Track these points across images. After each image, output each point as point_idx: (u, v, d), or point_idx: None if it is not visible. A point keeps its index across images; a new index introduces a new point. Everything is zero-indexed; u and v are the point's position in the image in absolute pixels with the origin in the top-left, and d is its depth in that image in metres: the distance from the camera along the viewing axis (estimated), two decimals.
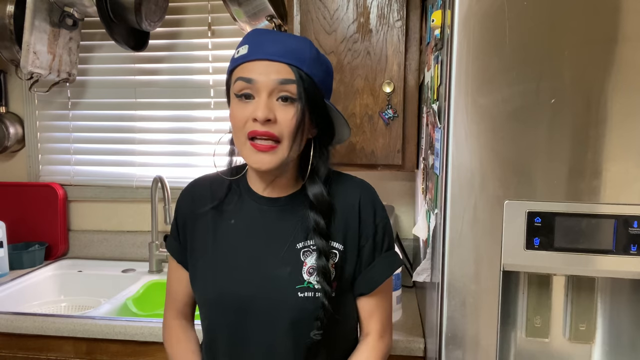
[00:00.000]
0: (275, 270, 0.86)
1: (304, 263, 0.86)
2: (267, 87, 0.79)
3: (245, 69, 0.80)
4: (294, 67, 0.79)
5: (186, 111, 1.93)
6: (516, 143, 0.83)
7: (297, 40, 0.83)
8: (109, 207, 2.01)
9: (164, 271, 1.85)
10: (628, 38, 0.79)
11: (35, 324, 1.37)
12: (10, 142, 1.94)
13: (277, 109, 0.79)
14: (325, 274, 0.84)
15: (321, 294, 0.84)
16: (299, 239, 0.88)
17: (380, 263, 0.92)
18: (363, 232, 0.90)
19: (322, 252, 0.85)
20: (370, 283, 0.91)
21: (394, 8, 1.39)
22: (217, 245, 0.90)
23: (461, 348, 0.88)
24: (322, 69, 0.84)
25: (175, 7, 1.87)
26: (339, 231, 0.89)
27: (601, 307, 0.92)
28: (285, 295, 0.85)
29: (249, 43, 0.82)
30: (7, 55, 1.80)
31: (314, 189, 0.87)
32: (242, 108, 0.81)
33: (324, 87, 0.85)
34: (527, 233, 0.83)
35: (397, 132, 1.42)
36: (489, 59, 0.82)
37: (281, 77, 0.78)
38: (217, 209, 0.92)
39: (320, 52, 0.86)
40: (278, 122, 0.79)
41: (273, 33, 0.84)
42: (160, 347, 1.35)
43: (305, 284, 0.85)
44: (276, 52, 0.79)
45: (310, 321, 0.85)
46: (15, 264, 1.81)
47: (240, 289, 0.86)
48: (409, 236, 1.82)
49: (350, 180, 0.94)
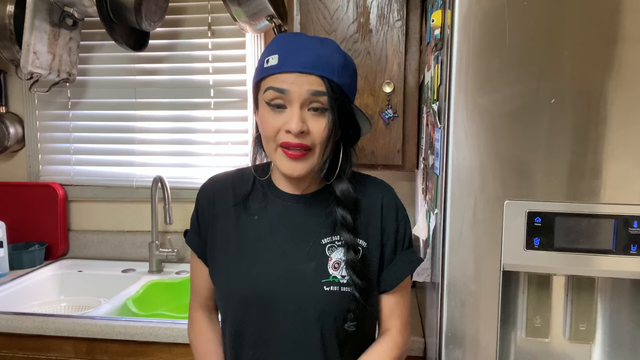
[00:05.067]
0: (301, 265, 0.87)
1: (329, 258, 0.88)
2: (300, 98, 0.80)
3: (276, 80, 0.81)
4: (325, 78, 0.80)
5: (186, 111, 1.93)
6: (516, 143, 0.83)
7: (325, 47, 0.83)
8: (109, 207, 2.01)
9: (164, 271, 1.86)
10: (628, 38, 0.79)
11: (35, 324, 1.37)
12: (10, 142, 1.94)
13: (308, 120, 0.81)
14: (354, 267, 0.86)
15: (352, 287, 0.86)
16: (324, 235, 0.89)
17: (401, 260, 0.93)
18: (385, 230, 0.92)
19: (350, 246, 0.87)
20: (392, 280, 0.92)
21: (394, 8, 1.39)
22: (241, 241, 0.91)
23: (461, 348, 0.88)
24: (349, 74, 0.85)
25: (175, 7, 1.87)
26: (362, 229, 0.90)
27: (601, 307, 0.92)
28: (310, 289, 0.86)
29: (279, 52, 0.82)
30: (7, 55, 1.80)
31: (341, 186, 0.89)
32: (274, 117, 0.82)
33: (351, 92, 0.86)
34: (527, 233, 0.83)
35: (397, 132, 1.42)
36: (489, 59, 0.82)
37: (313, 88, 0.79)
38: (240, 206, 0.93)
39: (346, 55, 0.86)
40: (310, 133, 0.81)
41: (302, 40, 0.84)
42: (160, 347, 1.35)
43: (331, 278, 0.87)
44: (307, 63, 0.80)
45: (335, 315, 0.86)
46: (15, 264, 1.81)
47: (266, 283, 0.87)
48: None
49: (373, 180, 0.97)
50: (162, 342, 1.34)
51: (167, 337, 1.33)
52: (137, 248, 1.98)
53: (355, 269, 0.86)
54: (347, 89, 0.84)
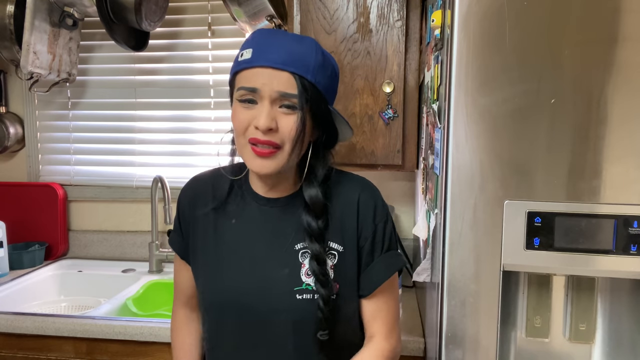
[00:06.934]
0: (274, 271, 0.86)
1: (302, 265, 0.86)
2: (270, 96, 0.79)
3: (248, 76, 0.80)
4: (297, 75, 0.78)
5: (186, 111, 1.93)
6: (516, 143, 0.83)
7: (302, 44, 0.81)
8: (109, 207, 2.01)
9: (164, 271, 1.86)
10: (628, 38, 0.79)
11: (35, 324, 1.37)
12: (10, 142, 1.94)
13: (279, 117, 0.80)
14: (318, 277, 0.83)
15: (318, 297, 0.83)
16: (297, 240, 0.87)
17: (379, 264, 0.90)
18: (362, 232, 0.89)
19: (315, 255, 0.84)
20: (368, 285, 0.90)
21: (394, 8, 1.39)
22: (218, 245, 0.90)
23: (461, 348, 0.88)
24: (326, 74, 0.83)
25: (175, 7, 1.87)
26: (337, 232, 0.88)
27: (601, 307, 0.92)
28: (283, 297, 0.84)
29: (253, 47, 0.81)
30: (7, 55, 1.80)
31: (310, 191, 0.86)
32: (244, 113, 0.81)
33: (328, 93, 0.85)
34: (527, 233, 0.83)
35: (397, 132, 1.42)
36: (489, 59, 0.82)
37: (282, 89, 0.78)
38: (219, 208, 0.92)
39: (326, 54, 0.85)
40: (280, 130, 0.79)
41: (278, 36, 0.82)
42: (160, 347, 1.35)
43: (304, 286, 0.85)
44: (280, 59, 0.78)
45: (311, 323, 0.84)
46: (15, 264, 1.81)
47: (241, 290, 0.86)
48: (409, 236, 1.81)
49: (351, 179, 0.93)
50: (162, 342, 1.34)
51: (167, 337, 1.33)
52: (137, 248, 1.98)
53: (319, 279, 0.83)
54: (324, 90, 0.82)
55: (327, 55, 0.85)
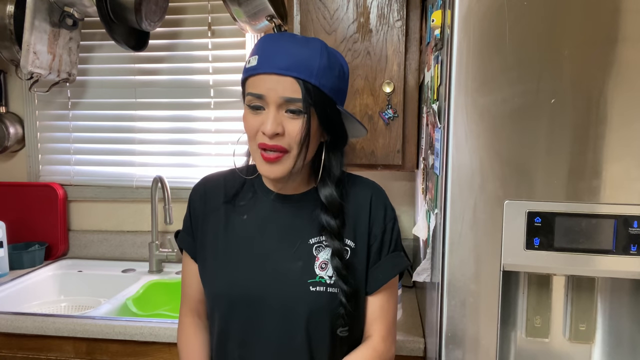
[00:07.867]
0: (287, 264, 0.87)
1: (316, 258, 0.88)
2: (275, 102, 0.80)
3: (255, 83, 0.82)
4: (301, 80, 0.80)
5: (186, 111, 1.93)
6: (516, 143, 0.83)
7: (307, 47, 0.82)
8: (109, 207, 2.01)
9: (164, 271, 1.86)
10: (628, 38, 0.79)
11: (35, 324, 1.37)
12: (10, 142, 1.94)
13: (285, 122, 0.81)
14: (340, 273, 0.86)
15: (339, 292, 0.86)
16: (311, 235, 0.89)
17: (385, 263, 0.93)
18: (372, 231, 0.92)
19: (336, 251, 0.86)
20: (375, 282, 0.92)
21: (394, 8, 1.39)
22: (229, 241, 0.91)
23: (461, 348, 0.88)
24: (333, 74, 0.84)
25: (175, 7, 1.87)
26: (350, 229, 0.91)
27: (601, 307, 0.92)
28: (297, 289, 0.86)
29: (259, 53, 0.82)
30: (7, 55, 1.80)
31: (325, 191, 0.89)
32: (253, 118, 0.83)
33: (336, 93, 0.85)
34: (527, 233, 0.83)
35: (397, 132, 1.42)
36: (489, 59, 0.82)
37: (287, 94, 0.80)
38: (230, 204, 0.94)
39: (333, 54, 0.85)
40: (286, 135, 0.81)
41: (283, 41, 0.83)
42: (160, 347, 1.35)
43: (317, 278, 0.87)
44: (284, 65, 0.79)
45: (323, 316, 0.86)
46: (15, 264, 1.81)
47: (252, 284, 0.87)
48: (409, 236, 1.81)
49: (363, 181, 0.97)
50: (162, 342, 1.34)
51: (167, 337, 1.33)
52: (137, 248, 1.98)
53: (341, 274, 0.86)
54: (330, 91, 0.83)
55: (334, 55, 0.85)
